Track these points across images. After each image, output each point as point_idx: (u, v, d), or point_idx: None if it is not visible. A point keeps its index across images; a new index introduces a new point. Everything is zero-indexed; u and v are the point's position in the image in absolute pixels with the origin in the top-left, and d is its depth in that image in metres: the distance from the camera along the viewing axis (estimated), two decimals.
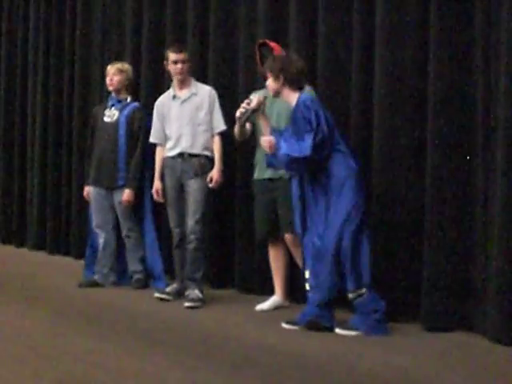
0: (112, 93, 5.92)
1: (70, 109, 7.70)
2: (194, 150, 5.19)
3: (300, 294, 4.76)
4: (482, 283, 4.09)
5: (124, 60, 6.48)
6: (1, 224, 8.95)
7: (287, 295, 5.03)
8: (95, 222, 5.94)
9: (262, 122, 4.46)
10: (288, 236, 4.79)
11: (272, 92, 4.41)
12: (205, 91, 5.28)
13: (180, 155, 5.21)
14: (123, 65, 5.98)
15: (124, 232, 5.86)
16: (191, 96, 5.25)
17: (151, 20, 6.60)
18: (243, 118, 4.49)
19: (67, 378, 3.17)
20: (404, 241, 4.47)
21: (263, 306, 4.93)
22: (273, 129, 4.40)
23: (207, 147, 5.22)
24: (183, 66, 5.21)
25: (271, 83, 4.38)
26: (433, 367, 3.45)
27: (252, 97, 4.56)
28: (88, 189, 6.00)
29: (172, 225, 5.30)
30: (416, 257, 4.40)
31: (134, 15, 6.83)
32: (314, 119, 4.12)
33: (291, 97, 4.34)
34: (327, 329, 4.16)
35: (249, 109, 4.41)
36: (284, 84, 4.32)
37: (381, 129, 4.55)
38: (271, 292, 5.06)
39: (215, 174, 5.16)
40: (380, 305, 4.14)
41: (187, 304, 4.96)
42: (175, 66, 5.21)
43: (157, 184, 5.35)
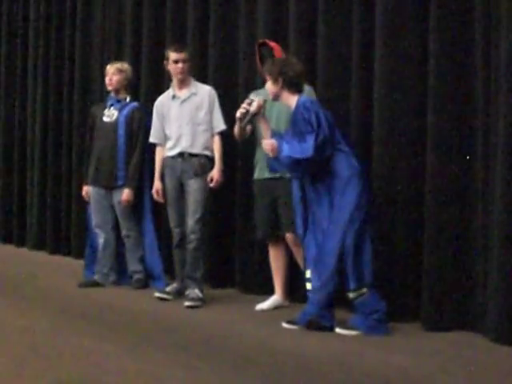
0: (111, 92, 5.93)
1: (70, 109, 7.71)
2: (194, 150, 5.19)
3: (300, 294, 4.76)
4: (482, 283, 4.09)
5: (124, 60, 6.48)
6: (1, 224, 8.95)
7: (287, 295, 5.03)
8: (95, 222, 5.94)
9: (263, 126, 4.46)
10: (289, 235, 4.79)
11: (271, 95, 4.42)
12: (204, 91, 5.28)
13: (180, 155, 5.21)
14: (122, 64, 5.98)
15: (124, 232, 5.86)
16: (191, 96, 5.25)
17: (151, 20, 6.60)
18: (244, 123, 4.50)
19: (67, 378, 3.17)
20: (404, 241, 4.47)
21: (263, 306, 4.93)
22: (273, 132, 4.40)
23: (207, 147, 5.22)
24: (184, 66, 5.21)
25: (270, 86, 4.39)
26: (433, 367, 3.45)
27: (252, 97, 4.57)
28: (87, 188, 6.01)
29: (172, 225, 5.30)
30: (416, 257, 4.40)
31: (134, 15, 6.83)
32: (315, 120, 4.12)
33: (290, 99, 4.34)
34: (327, 328, 4.16)
35: (249, 112, 4.41)
36: (283, 87, 4.33)
37: (381, 129, 4.55)
38: (271, 292, 5.06)
39: (216, 174, 5.16)
40: (380, 305, 4.14)
41: (187, 303, 4.96)
42: (176, 66, 5.20)
43: (157, 184, 5.35)
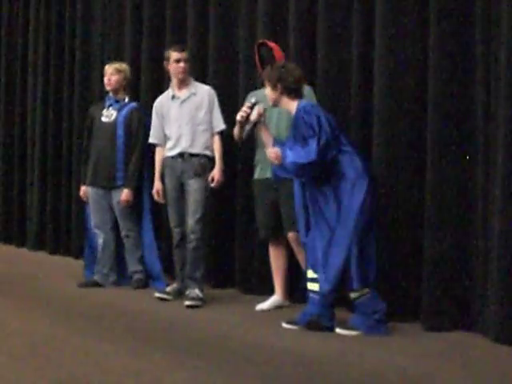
0: (109, 93, 5.92)
1: (70, 109, 7.71)
2: (194, 150, 5.19)
3: (300, 294, 4.76)
4: (482, 283, 4.09)
5: (124, 60, 6.49)
6: (1, 224, 8.96)
7: (287, 295, 5.03)
8: (94, 223, 5.94)
9: (264, 134, 4.47)
10: (291, 235, 4.78)
11: (271, 101, 4.42)
12: (204, 91, 5.28)
13: (180, 155, 5.21)
14: (121, 65, 5.98)
15: (123, 232, 5.86)
16: (190, 96, 5.25)
17: (151, 20, 6.61)
18: (246, 133, 4.52)
19: (67, 378, 3.17)
20: (404, 241, 4.47)
21: (263, 306, 4.93)
22: (275, 140, 4.41)
23: (207, 147, 5.22)
24: (185, 65, 5.21)
25: (269, 92, 4.39)
26: (433, 367, 3.45)
27: (250, 98, 4.59)
28: (85, 189, 6.00)
29: (172, 225, 5.30)
30: (416, 257, 4.40)
31: (134, 15, 6.83)
32: (316, 123, 4.11)
33: (290, 105, 4.34)
34: (327, 328, 4.16)
35: (250, 121, 4.42)
36: (282, 93, 4.33)
37: (381, 129, 4.55)
38: (271, 292, 5.05)
39: (216, 174, 5.16)
40: (380, 305, 4.14)
41: (187, 303, 4.96)
42: (177, 65, 5.20)
43: (157, 185, 5.35)
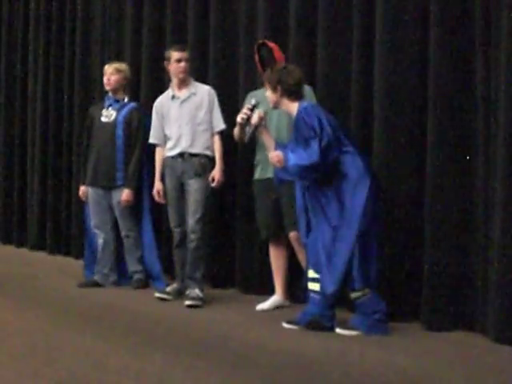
0: (109, 92, 5.92)
1: (70, 109, 7.71)
2: (195, 150, 5.19)
3: (300, 294, 4.76)
4: (483, 283, 4.09)
5: (124, 60, 6.48)
6: (1, 224, 8.95)
7: (288, 295, 5.03)
8: (94, 223, 5.93)
9: (266, 137, 4.47)
10: (293, 234, 4.77)
11: (271, 103, 4.42)
12: (204, 91, 5.28)
13: (180, 155, 5.21)
14: (121, 64, 5.98)
15: (123, 232, 5.85)
16: (190, 96, 5.25)
17: (151, 20, 6.60)
18: (247, 137, 4.53)
19: (67, 378, 3.17)
20: (404, 241, 4.46)
21: (264, 306, 4.93)
22: (277, 143, 4.41)
23: (207, 147, 5.22)
24: (186, 65, 5.22)
25: (270, 95, 4.39)
26: (433, 367, 3.45)
27: (249, 98, 4.59)
28: (84, 188, 6.00)
29: (172, 225, 5.29)
30: (416, 257, 4.40)
31: (134, 15, 6.83)
32: (317, 125, 4.11)
33: (291, 107, 4.34)
34: (328, 329, 4.16)
35: (251, 124, 4.44)
36: (282, 95, 4.33)
37: (381, 129, 4.55)
38: (272, 292, 5.05)
39: (217, 174, 5.16)
40: (381, 305, 4.14)
41: (188, 302, 4.96)
42: (178, 65, 5.20)
43: (157, 185, 5.35)
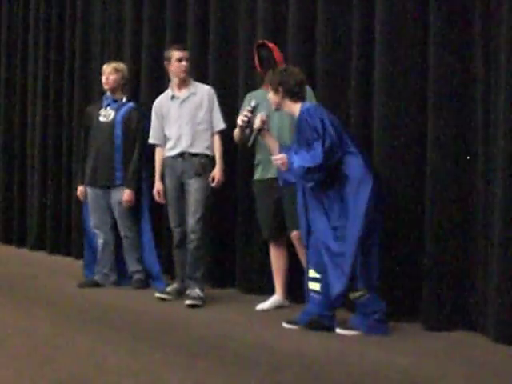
0: (107, 92, 5.92)
1: (70, 109, 7.71)
2: (195, 150, 5.19)
3: (300, 294, 4.75)
4: (483, 283, 4.09)
5: (124, 60, 6.48)
6: (1, 224, 8.96)
7: (288, 295, 5.02)
8: (93, 223, 5.93)
9: (269, 140, 4.48)
10: (295, 233, 4.76)
11: (273, 105, 4.42)
12: (204, 90, 5.28)
13: (180, 155, 5.21)
14: (119, 64, 5.98)
15: (122, 232, 5.85)
16: (190, 96, 5.24)
17: (151, 20, 6.60)
18: (251, 141, 4.54)
19: (67, 378, 3.17)
20: (404, 240, 4.46)
21: (264, 306, 4.93)
22: (280, 145, 4.41)
23: (207, 146, 5.22)
24: (186, 64, 5.22)
25: (272, 96, 4.39)
26: (433, 367, 3.45)
27: (253, 103, 4.62)
28: (82, 188, 5.99)
29: (172, 225, 5.29)
30: (416, 257, 4.40)
31: (134, 15, 6.83)
32: (320, 126, 4.10)
33: (293, 108, 4.34)
34: (328, 328, 4.16)
35: (253, 129, 4.46)
36: (284, 96, 4.33)
37: (381, 128, 4.55)
38: (271, 292, 5.05)
39: (217, 174, 5.16)
40: (380, 306, 4.14)
41: (188, 302, 4.96)
42: (179, 64, 5.20)
43: (158, 185, 5.34)
